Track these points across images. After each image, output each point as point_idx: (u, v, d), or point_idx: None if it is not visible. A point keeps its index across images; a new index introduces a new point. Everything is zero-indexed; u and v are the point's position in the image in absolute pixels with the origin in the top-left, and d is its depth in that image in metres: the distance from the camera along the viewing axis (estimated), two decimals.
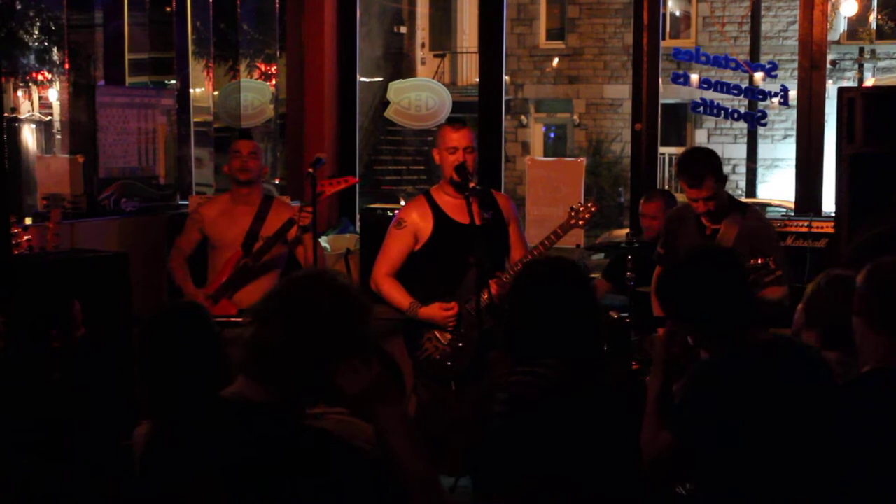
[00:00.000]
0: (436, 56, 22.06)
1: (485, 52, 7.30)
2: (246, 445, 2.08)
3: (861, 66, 19.52)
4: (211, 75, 8.36)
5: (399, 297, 4.56)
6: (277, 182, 8.28)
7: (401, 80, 8.04)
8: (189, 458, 2.13)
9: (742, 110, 7.72)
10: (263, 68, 9.12)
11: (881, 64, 19.52)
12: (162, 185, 7.08)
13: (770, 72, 7.05)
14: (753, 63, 11.22)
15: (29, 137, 12.49)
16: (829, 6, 6.66)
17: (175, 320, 2.87)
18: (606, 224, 16.92)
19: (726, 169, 5.97)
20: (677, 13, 20.94)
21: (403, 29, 21.40)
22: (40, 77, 11.91)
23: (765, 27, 18.87)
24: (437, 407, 4.59)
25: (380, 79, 18.10)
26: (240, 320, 4.45)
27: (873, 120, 5.04)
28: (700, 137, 20.28)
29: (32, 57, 11.48)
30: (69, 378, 3.16)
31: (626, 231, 6.50)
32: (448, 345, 4.54)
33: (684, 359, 3.12)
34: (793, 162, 6.93)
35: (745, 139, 19.15)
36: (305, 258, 4.99)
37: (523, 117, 22.01)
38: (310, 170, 4.89)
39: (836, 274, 3.21)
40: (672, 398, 2.98)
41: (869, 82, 18.72)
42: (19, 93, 11.84)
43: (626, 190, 16.76)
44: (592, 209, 4.65)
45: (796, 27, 7.35)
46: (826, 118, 6.53)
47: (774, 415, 2.74)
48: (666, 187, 17.28)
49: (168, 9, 7.82)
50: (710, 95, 6.84)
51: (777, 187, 18.37)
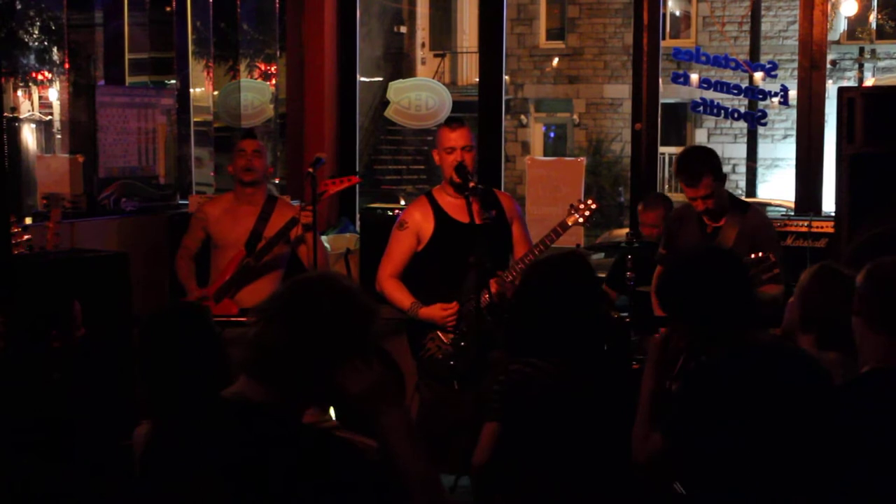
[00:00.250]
0: (436, 56, 22.06)
1: (485, 52, 7.30)
2: (246, 445, 2.08)
3: (861, 66, 19.52)
4: (211, 75, 8.36)
5: (401, 298, 4.58)
6: (277, 182, 8.27)
7: (401, 80, 8.04)
8: (189, 459, 2.13)
9: (742, 110, 7.71)
10: (263, 68, 9.12)
11: (881, 64, 19.52)
12: (162, 185, 7.08)
13: (770, 72, 7.05)
14: (753, 63, 11.22)
15: (29, 137, 12.49)
16: (829, 6, 6.66)
17: (175, 320, 2.87)
18: (606, 224, 16.92)
19: (726, 169, 5.96)
20: (677, 13, 20.94)
21: (403, 29, 21.40)
22: (40, 77, 11.90)
23: (765, 27, 18.87)
24: (440, 406, 4.59)
25: (380, 79, 18.09)
26: (241, 320, 4.45)
27: (873, 120, 5.04)
28: (700, 137, 20.28)
29: (32, 57, 11.47)
30: (69, 378, 3.16)
31: (626, 231, 6.50)
32: (451, 344, 4.54)
33: (681, 360, 3.12)
34: (793, 162, 6.93)
35: (745, 139, 19.15)
36: (308, 257, 4.99)
37: (523, 117, 22.01)
38: (310, 170, 4.89)
39: (830, 269, 3.19)
40: (665, 399, 2.97)
41: (869, 82, 18.73)
42: (19, 93, 11.84)
43: (626, 190, 16.77)
44: (593, 207, 4.65)
45: (796, 27, 7.35)
46: (826, 118, 6.53)
47: (774, 415, 2.74)
48: (665, 187, 17.30)
49: (168, 9, 7.81)
50: (710, 95, 6.84)
51: (777, 187, 18.36)
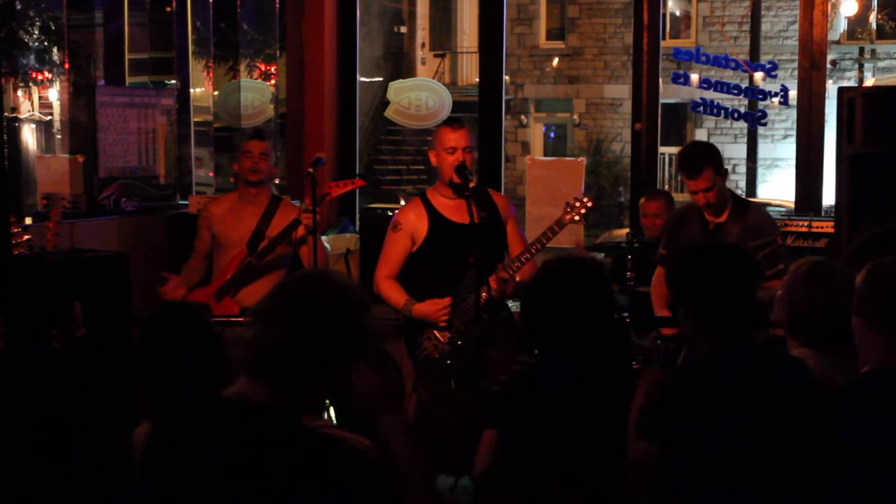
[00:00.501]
0: (436, 56, 22.06)
1: (485, 52, 7.30)
2: (246, 445, 2.08)
3: (861, 66, 19.52)
4: (211, 75, 8.36)
5: (395, 297, 4.58)
6: (277, 182, 8.28)
7: (401, 80, 8.04)
8: (189, 459, 2.13)
9: (742, 110, 7.72)
10: (263, 68, 9.13)
11: (881, 64, 19.52)
12: (162, 185, 7.08)
13: (770, 72, 7.06)
14: (753, 63, 11.21)
15: (29, 137, 12.48)
16: (829, 6, 6.66)
17: (175, 320, 2.87)
18: (606, 224, 16.93)
19: None
20: (677, 13, 20.94)
21: (403, 29, 21.40)
22: (40, 77, 11.90)
23: (765, 27, 18.87)
24: (438, 406, 4.58)
25: (380, 79, 18.09)
26: (242, 320, 4.45)
27: (873, 120, 5.04)
28: (700, 137, 20.24)
29: (32, 57, 11.47)
30: (69, 378, 3.16)
31: (626, 231, 6.50)
32: (447, 343, 4.53)
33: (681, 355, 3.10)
34: (793, 162, 6.93)
35: (745, 139, 19.15)
36: (309, 258, 4.99)
37: (523, 117, 22.01)
38: (310, 170, 4.88)
39: (819, 269, 3.16)
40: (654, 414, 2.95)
41: (869, 82, 18.72)
42: (19, 93, 11.83)
43: (626, 190, 16.76)
44: (588, 204, 4.60)
45: (796, 27, 7.35)
46: (826, 118, 6.53)
47: (769, 416, 2.74)
48: (666, 187, 17.29)
49: (168, 9, 7.82)
50: (710, 95, 6.84)
51: (777, 187, 18.36)
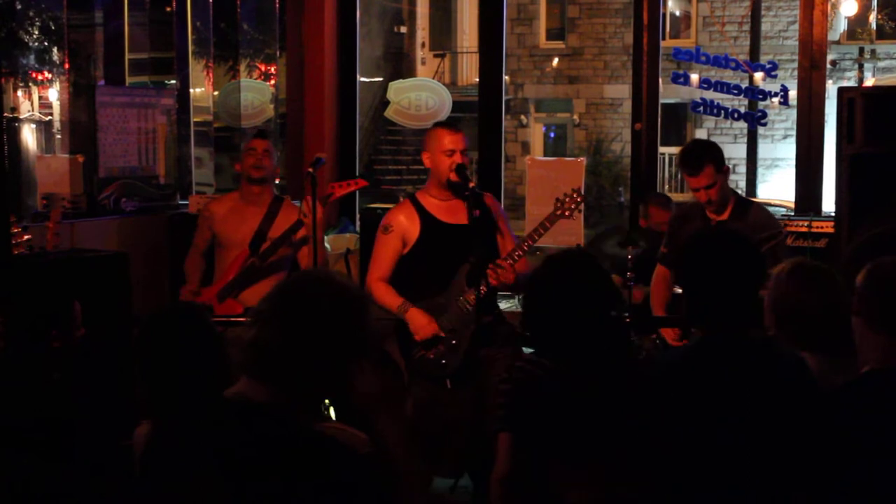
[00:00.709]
0: (436, 56, 22.06)
1: (485, 52, 7.30)
2: (246, 446, 2.08)
3: (861, 66, 19.52)
4: (211, 75, 8.36)
5: (389, 299, 4.55)
6: (277, 182, 8.28)
7: (401, 80, 8.05)
8: (189, 459, 2.13)
9: (742, 110, 7.72)
10: (263, 68, 9.13)
11: (881, 64, 19.52)
12: (162, 185, 7.08)
13: (770, 72, 7.06)
14: (753, 63, 11.21)
15: (29, 137, 12.47)
16: (829, 6, 6.66)
17: (175, 320, 2.86)
18: (607, 224, 16.92)
19: None
20: (677, 13, 20.94)
21: (403, 29, 21.40)
22: (40, 77, 11.89)
23: (765, 27, 18.86)
24: (433, 406, 4.57)
25: (380, 79, 18.09)
26: (244, 320, 4.45)
27: (873, 120, 5.05)
28: (700, 137, 20.28)
29: (32, 57, 11.46)
30: (69, 378, 3.16)
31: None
32: (442, 343, 4.53)
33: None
34: (793, 162, 6.94)
35: (745, 139, 19.14)
36: (307, 260, 4.97)
37: (523, 117, 22.01)
38: (310, 170, 4.88)
39: (800, 269, 3.14)
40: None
41: (869, 82, 18.73)
42: (19, 93, 11.82)
43: (626, 190, 16.76)
44: (577, 199, 4.54)
45: (796, 27, 7.35)
46: (826, 118, 6.53)
47: (772, 410, 2.74)
48: (666, 187, 17.31)
49: (168, 9, 7.82)
50: (710, 95, 6.85)
51: (777, 187, 18.36)
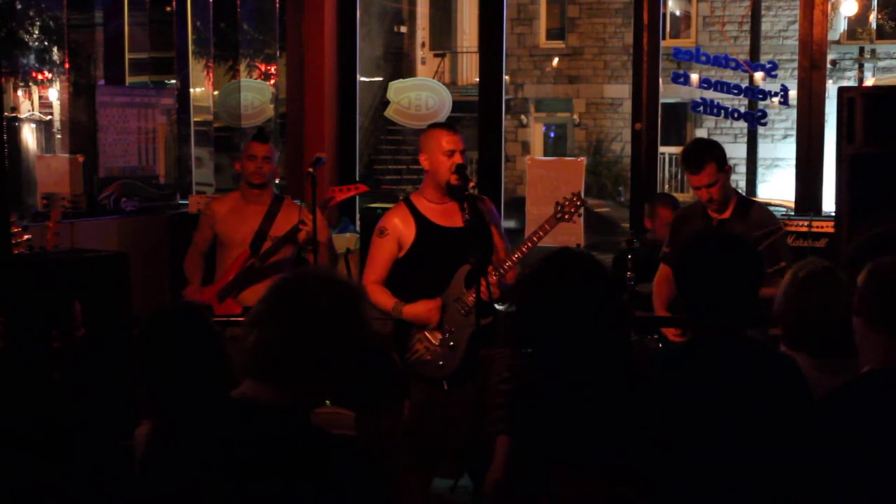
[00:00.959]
0: (436, 56, 22.06)
1: (485, 52, 7.30)
2: (246, 445, 2.08)
3: (861, 66, 19.52)
4: (211, 75, 8.36)
5: (383, 300, 4.52)
6: (277, 182, 8.28)
7: (401, 80, 8.04)
8: (190, 459, 2.13)
9: (742, 110, 7.71)
10: (263, 68, 9.14)
11: (881, 64, 19.52)
12: (162, 185, 7.09)
13: (770, 71, 7.06)
14: (753, 63, 11.20)
15: (29, 137, 12.47)
16: (829, 6, 6.66)
17: (175, 320, 2.87)
18: (606, 224, 16.90)
19: None
20: (677, 13, 20.94)
21: (403, 29, 21.40)
22: (40, 77, 11.89)
23: (765, 27, 18.86)
24: (431, 407, 4.56)
25: (380, 79, 18.09)
26: (243, 319, 4.45)
27: (873, 120, 5.04)
28: (700, 136, 20.27)
29: (32, 57, 11.46)
30: (69, 378, 3.16)
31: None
32: (439, 345, 4.51)
33: None
34: (793, 162, 6.93)
35: (745, 139, 19.14)
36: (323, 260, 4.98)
37: (523, 117, 22.01)
38: (310, 170, 4.88)
39: (813, 277, 3.15)
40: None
41: (869, 82, 18.73)
42: (19, 92, 11.83)
43: (626, 190, 16.76)
44: (577, 203, 4.53)
45: (796, 27, 7.35)
46: (826, 118, 6.53)
47: (770, 411, 2.74)
48: (666, 187, 17.30)
49: (168, 9, 7.83)
50: (710, 95, 6.84)
51: (777, 187, 18.36)
